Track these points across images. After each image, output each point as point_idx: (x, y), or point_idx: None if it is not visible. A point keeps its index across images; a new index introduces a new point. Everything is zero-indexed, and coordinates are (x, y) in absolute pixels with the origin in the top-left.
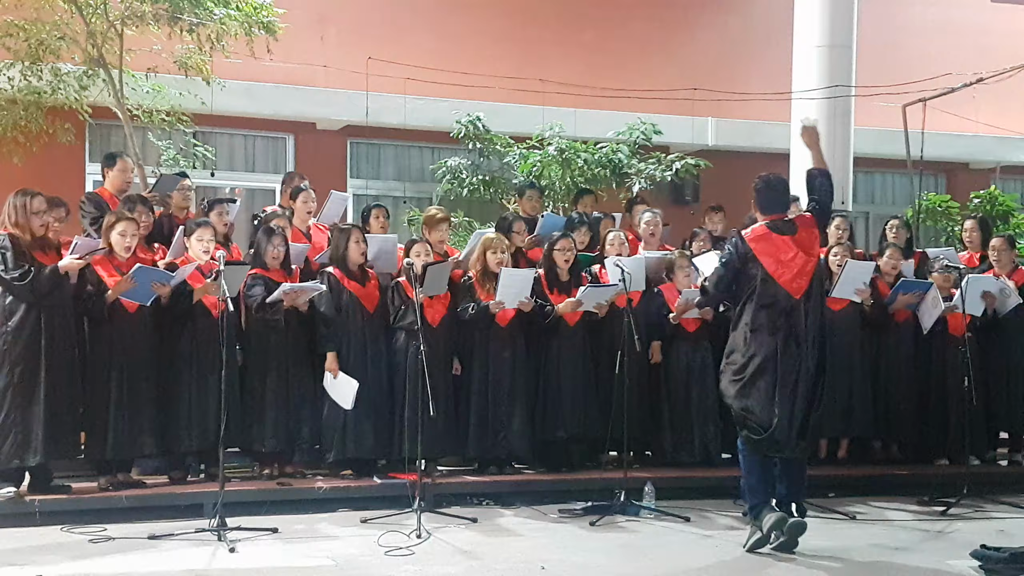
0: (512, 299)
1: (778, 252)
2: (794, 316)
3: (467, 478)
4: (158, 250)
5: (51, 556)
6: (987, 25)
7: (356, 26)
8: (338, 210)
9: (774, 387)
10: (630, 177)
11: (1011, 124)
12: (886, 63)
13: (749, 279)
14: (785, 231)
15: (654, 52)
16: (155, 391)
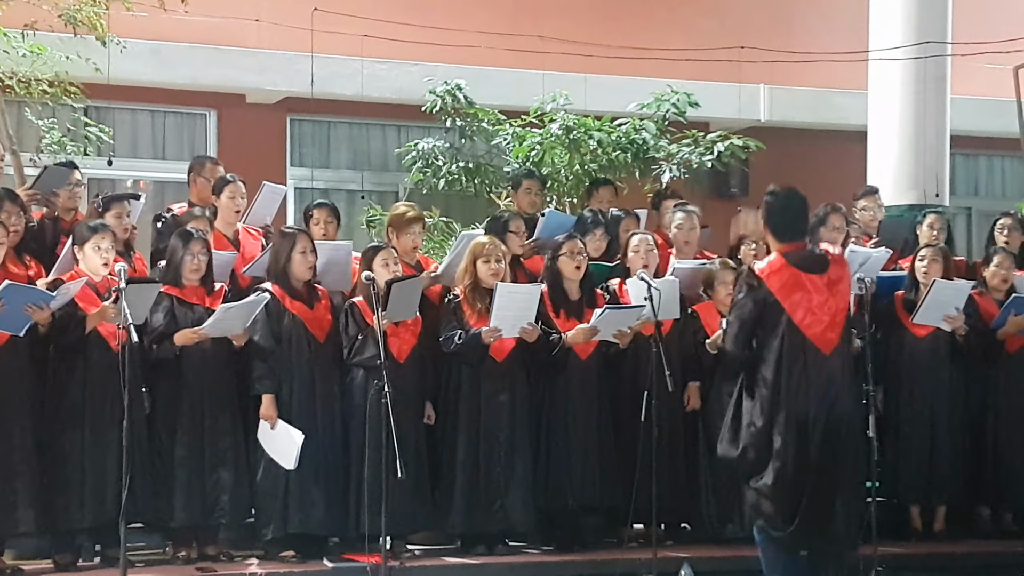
0: (511, 325)
1: (807, 296)
2: (827, 375)
3: (447, 560)
4: (31, 263)
5: None
6: None
7: None
8: (271, 208)
9: (805, 467)
10: (658, 163)
11: None
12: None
13: (770, 329)
14: (813, 268)
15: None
16: (34, 448)
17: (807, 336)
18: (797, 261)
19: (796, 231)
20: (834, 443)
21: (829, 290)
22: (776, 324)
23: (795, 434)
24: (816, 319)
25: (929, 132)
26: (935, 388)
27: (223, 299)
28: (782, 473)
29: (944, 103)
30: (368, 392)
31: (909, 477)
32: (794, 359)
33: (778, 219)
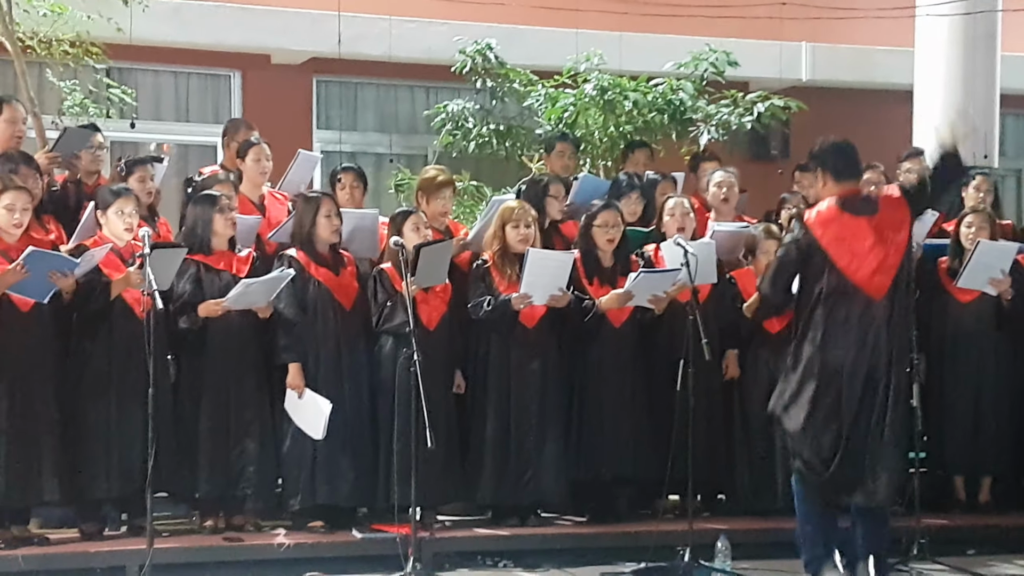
0: (542, 292)
1: (852, 239)
2: (871, 324)
3: (478, 531)
4: (52, 227)
5: None
6: None
7: None
8: (305, 176)
9: (841, 415)
10: (696, 125)
11: None
12: None
13: (815, 276)
14: (862, 211)
15: None
16: (59, 418)
17: (853, 281)
18: (847, 205)
19: (851, 173)
20: (877, 395)
21: (878, 234)
22: (821, 270)
23: (834, 381)
24: (863, 263)
25: (978, 91)
26: (980, 356)
27: (251, 264)
28: (811, 419)
29: (994, 61)
30: (397, 360)
31: (954, 447)
32: (838, 305)
33: (834, 161)
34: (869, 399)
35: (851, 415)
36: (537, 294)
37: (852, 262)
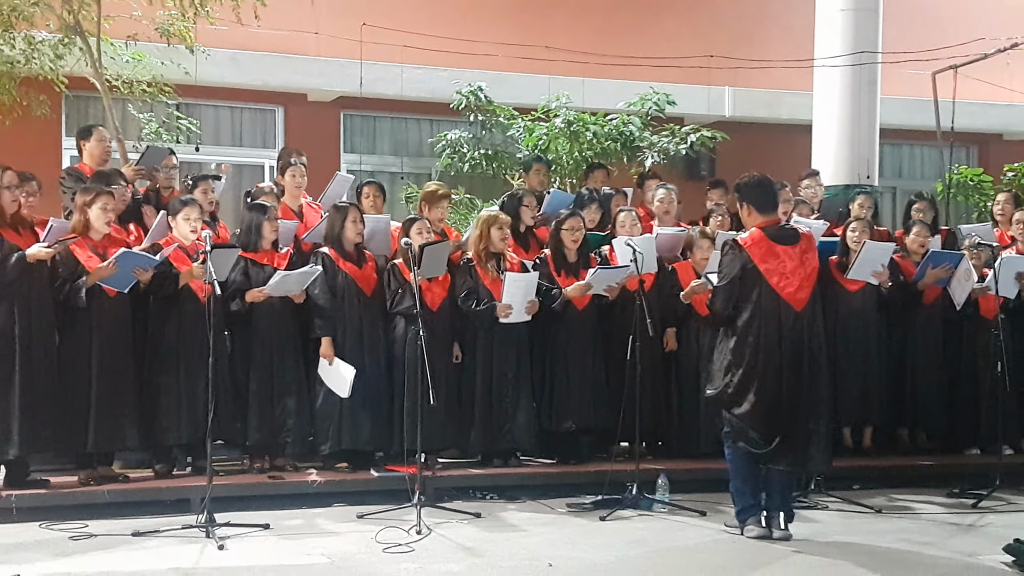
0: (520, 305)
1: (781, 263)
2: (798, 331)
3: (470, 471)
4: (133, 230)
5: (30, 554)
6: None
7: None
8: (341, 192)
9: (780, 404)
10: (642, 151)
11: None
12: (914, 28)
13: (749, 288)
14: (786, 240)
15: (668, 17)
16: (138, 380)
17: (781, 296)
18: (773, 234)
19: (770, 207)
20: (804, 382)
21: (799, 259)
22: (754, 286)
23: (772, 378)
24: (789, 282)
25: (862, 126)
26: (865, 332)
27: (288, 260)
28: (758, 405)
29: (874, 102)
30: (407, 336)
31: (842, 404)
32: (771, 317)
33: (756, 196)
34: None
35: (791, 403)
36: (516, 308)
37: (780, 281)
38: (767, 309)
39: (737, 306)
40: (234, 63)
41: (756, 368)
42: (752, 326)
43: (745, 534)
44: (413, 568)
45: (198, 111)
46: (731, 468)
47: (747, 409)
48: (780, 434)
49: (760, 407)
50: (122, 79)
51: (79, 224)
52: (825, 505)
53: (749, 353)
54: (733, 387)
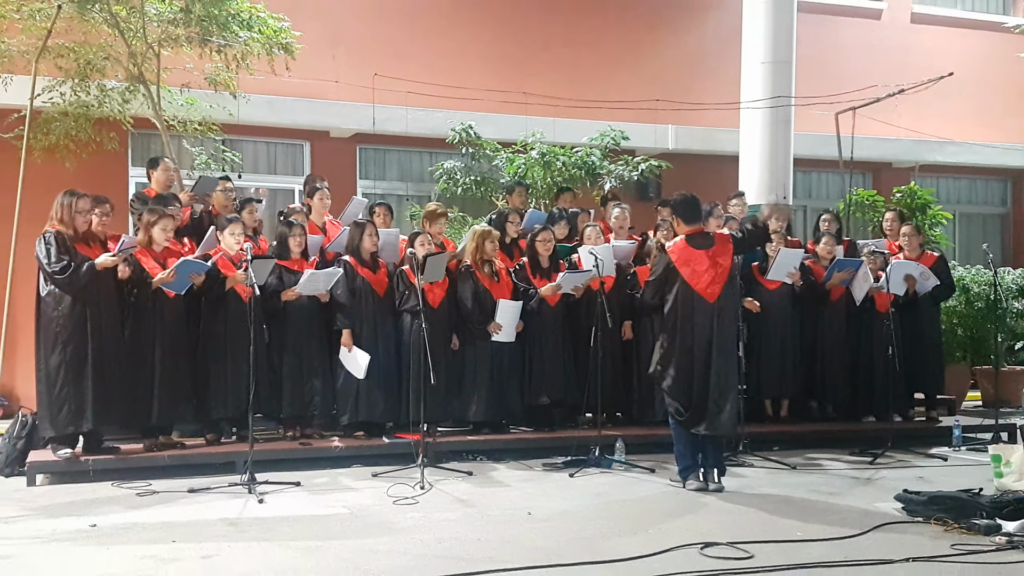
0: (509, 326)
1: (695, 263)
2: (709, 318)
3: (463, 437)
4: (187, 243)
5: (104, 508)
6: (906, 44)
7: (363, 46)
8: (357, 212)
9: (693, 380)
10: (602, 177)
11: (928, 129)
12: (821, 77)
13: (671, 285)
14: (702, 245)
15: (622, 68)
16: (193, 366)
17: (695, 290)
18: (692, 241)
19: (694, 218)
20: (713, 365)
21: (713, 261)
22: (675, 282)
23: (685, 359)
24: (700, 279)
25: (779, 156)
26: (781, 323)
27: (315, 267)
28: (676, 380)
29: (789, 137)
30: (412, 329)
31: (764, 381)
32: (686, 307)
33: (683, 211)
34: (710, 368)
35: (699, 381)
36: (506, 329)
37: (694, 278)
38: (684, 301)
39: (664, 300)
40: (269, 106)
41: (674, 349)
42: (673, 316)
43: (686, 487)
44: (417, 517)
45: (240, 145)
46: (674, 434)
47: (669, 383)
48: (693, 404)
49: (678, 381)
50: (177, 119)
51: (144, 239)
52: (751, 463)
53: (670, 337)
54: (660, 365)
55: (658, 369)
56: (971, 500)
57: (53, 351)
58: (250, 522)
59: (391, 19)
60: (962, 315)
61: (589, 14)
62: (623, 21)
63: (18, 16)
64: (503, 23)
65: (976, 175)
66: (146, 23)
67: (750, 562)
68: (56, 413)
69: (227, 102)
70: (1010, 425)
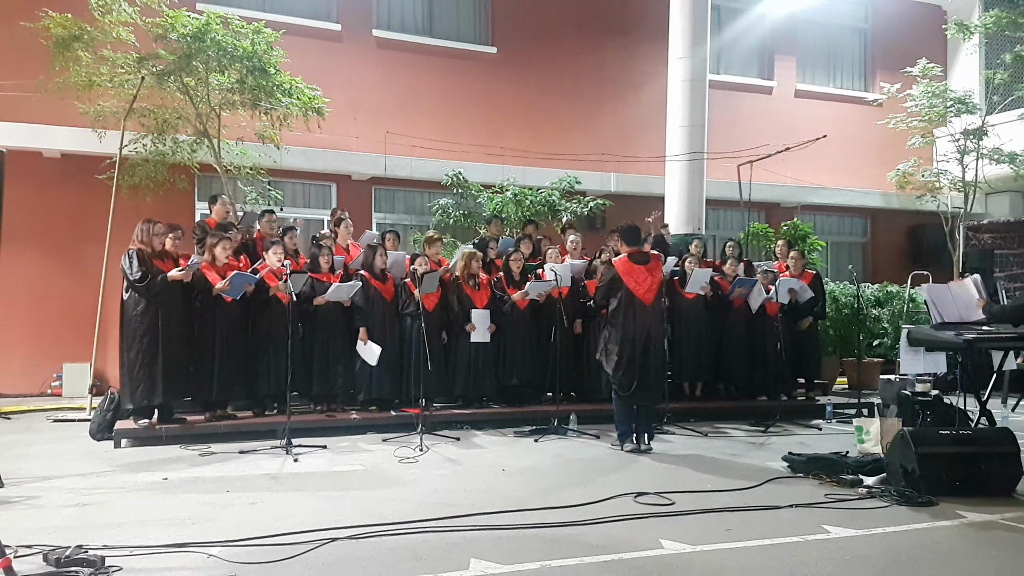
0: (482, 328)
1: (636, 275)
2: (646, 317)
3: (453, 411)
4: (242, 259)
5: (173, 465)
6: (791, 112)
7: (378, 110)
8: (369, 239)
9: (635, 362)
10: (560, 212)
11: (807, 177)
12: (727, 137)
13: (616, 290)
14: (641, 262)
15: (576, 128)
16: (244, 354)
17: (636, 295)
18: (634, 258)
19: (635, 241)
20: (650, 351)
21: (649, 273)
22: (620, 289)
23: (628, 346)
24: (640, 287)
25: (694, 197)
26: (697, 323)
27: (340, 280)
28: (619, 364)
29: (703, 183)
30: (413, 327)
31: (684, 367)
32: (629, 307)
33: (627, 236)
34: (647, 353)
35: (639, 362)
36: (479, 330)
37: (636, 286)
38: (627, 303)
39: (611, 303)
40: (304, 156)
41: (618, 339)
42: (618, 314)
43: (624, 449)
44: (418, 472)
45: (281, 185)
46: (615, 406)
47: (614, 365)
48: (633, 382)
49: (621, 365)
50: (233, 165)
51: (208, 257)
52: (673, 432)
53: (616, 331)
54: (608, 353)
55: (604, 353)
56: (840, 460)
57: (132, 343)
58: (287, 477)
59: (400, 90)
60: (833, 319)
61: (552, 87)
62: (577, 92)
63: (111, 84)
64: (486, 93)
65: (843, 213)
66: (210, 91)
67: (672, 507)
68: (134, 391)
69: (272, 152)
70: (869, 403)
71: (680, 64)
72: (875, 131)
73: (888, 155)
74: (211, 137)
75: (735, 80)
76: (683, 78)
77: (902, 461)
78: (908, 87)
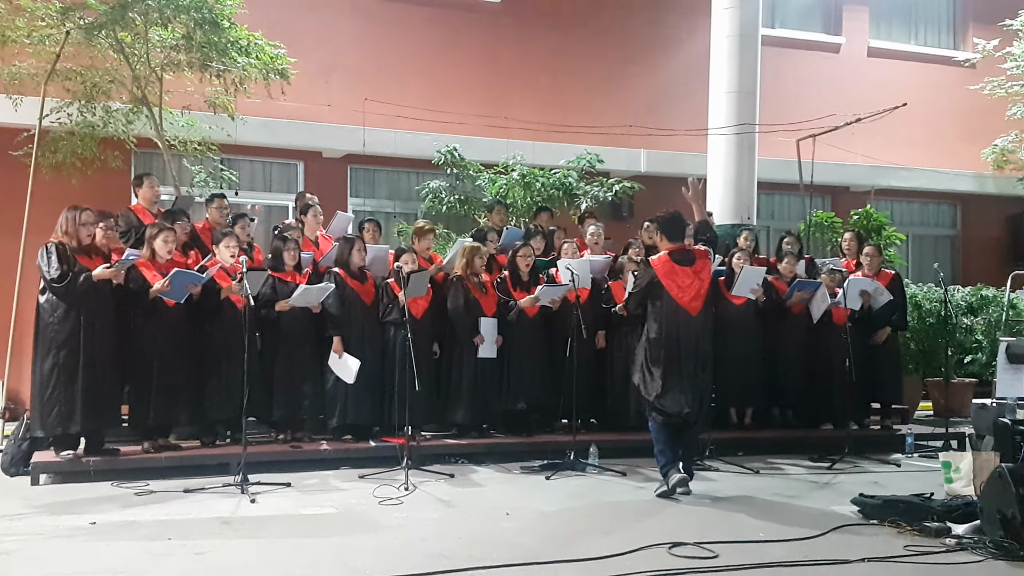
0: (490, 341)
1: (679, 279)
2: (693, 330)
3: (445, 441)
4: (192, 255)
5: (103, 506)
6: (863, 76)
7: (355, 73)
8: (343, 226)
9: (685, 388)
10: (579, 197)
11: (883, 155)
12: (783, 105)
13: (655, 298)
14: (685, 262)
15: (597, 96)
16: (190, 371)
17: (680, 303)
18: (676, 257)
19: (677, 236)
20: (699, 371)
21: (695, 275)
22: (659, 296)
23: (674, 368)
24: (685, 293)
25: (744, 180)
26: (745, 336)
27: (307, 280)
28: (665, 390)
29: (753, 162)
30: (397, 338)
31: (730, 390)
32: (671, 319)
33: (667, 229)
34: (697, 377)
35: (689, 387)
36: (488, 342)
37: (679, 292)
38: (669, 314)
39: (648, 313)
40: (265, 128)
41: (660, 359)
42: (658, 327)
43: (670, 482)
44: (401, 517)
45: (237, 164)
46: (654, 435)
47: (658, 393)
48: (683, 410)
49: (667, 391)
50: (178, 139)
51: (147, 252)
52: (716, 467)
53: (656, 348)
54: (649, 376)
55: (643, 377)
56: (923, 504)
57: (47, 356)
58: (242, 521)
59: (381, 47)
60: (914, 330)
61: (568, 45)
62: (599, 52)
63: (28, 41)
64: (487, 52)
65: (927, 199)
66: (149, 49)
67: (715, 561)
68: (47, 415)
69: (225, 124)
70: (959, 434)
71: (726, 16)
72: (967, 98)
73: (983, 128)
74: (151, 105)
75: (794, 36)
76: (729, 33)
77: (1000, 505)
78: (1008, 44)
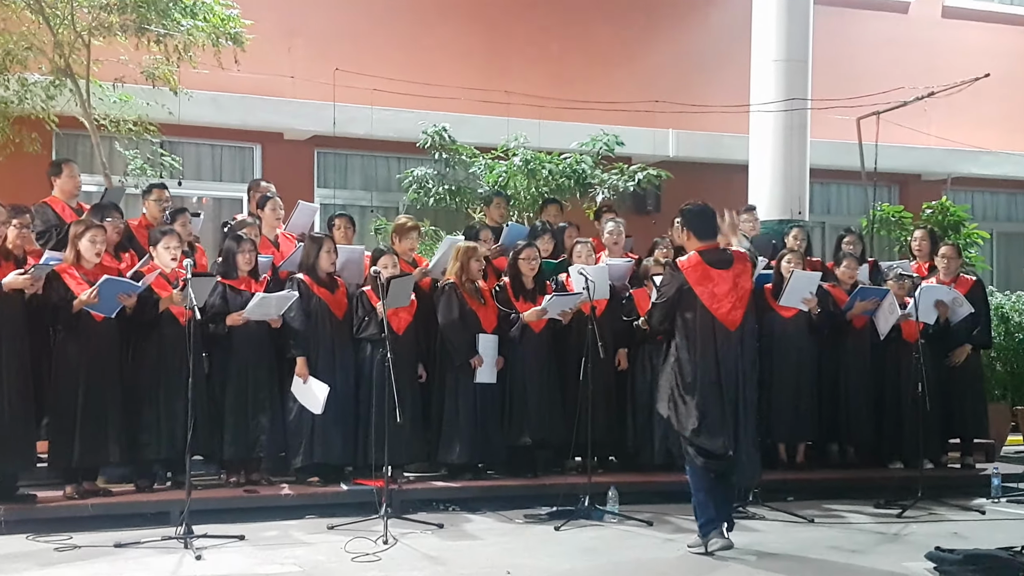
0: (490, 361)
1: (714, 285)
2: (731, 347)
3: (433, 484)
4: (125, 258)
5: (16, 564)
6: (937, 41)
7: (324, 38)
8: (306, 220)
9: (726, 418)
10: (594, 187)
11: (961, 137)
12: (840, 77)
13: (685, 308)
14: (721, 264)
15: (616, 65)
16: (122, 398)
17: (716, 316)
18: (709, 259)
19: (709, 233)
20: (743, 399)
21: (733, 281)
22: (691, 306)
23: (713, 393)
24: (721, 304)
25: (794, 166)
26: (797, 355)
27: (265, 287)
28: (703, 423)
29: (805, 145)
30: (375, 358)
31: (778, 422)
32: (706, 334)
33: (696, 224)
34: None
35: (732, 419)
36: (487, 364)
37: (714, 302)
38: (703, 328)
39: (677, 326)
40: (215, 104)
41: (695, 386)
42: (689, 344)
43: (709, 546)
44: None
45: (181, 148)
46: (692, 482)
47: (695, 427)
48: (726, 450)
49: (705, 424)
50: (109, 118)
51: (71, 255)
52: (763, 516)
53: (688, 371)
54: (680, 405)
55: (672, 405)
56: (1013, 559)
57: None
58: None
59: (355, 7)
60: (1001, 348)
61: (580, 5)
62: (618, 13)
63: None
64: (483, 14)
65: (1016, 189)
66: (75, 9)
67: None
68: None
69: (166, 99)
70: None
71: None
72: None
73: None
74: (76, 77)
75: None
76: None
77: None
78: None
